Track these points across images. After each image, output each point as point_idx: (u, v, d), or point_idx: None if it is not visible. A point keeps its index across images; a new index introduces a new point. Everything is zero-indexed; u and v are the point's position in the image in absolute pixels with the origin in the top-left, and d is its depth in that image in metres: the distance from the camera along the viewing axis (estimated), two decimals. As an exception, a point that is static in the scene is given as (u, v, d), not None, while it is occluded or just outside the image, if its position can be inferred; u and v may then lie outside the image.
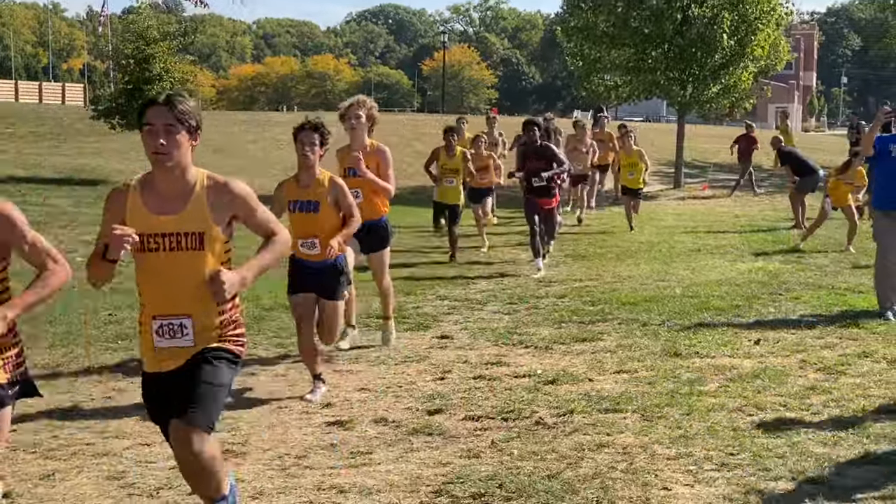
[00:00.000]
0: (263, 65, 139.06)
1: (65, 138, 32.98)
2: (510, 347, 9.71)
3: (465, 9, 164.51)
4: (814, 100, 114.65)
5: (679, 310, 11.33)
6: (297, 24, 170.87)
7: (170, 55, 25.06)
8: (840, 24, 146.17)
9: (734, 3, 26.66)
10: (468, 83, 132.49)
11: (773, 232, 19.38)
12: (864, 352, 9.28)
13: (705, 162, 31.71)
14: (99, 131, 29.79)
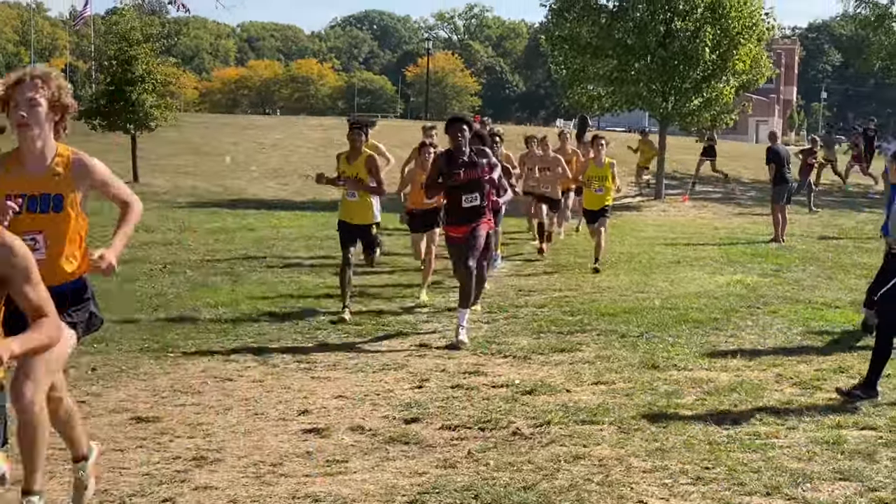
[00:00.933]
0: (247, 68, 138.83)
1: (45, 138, 32.73)
2: (488, 357, 9.71)
3: (450, 16, 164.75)
4: (794, 114, 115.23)
5: (658, 322, 11.35)
6: (282, 27, 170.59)
7: (152, 57, 24.96)
8: (821, 40, 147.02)
9: (716, 18, 26.77)
10: (452, 90, 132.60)
11: (753, 245, 19.44)
12: (840, 367, 9.32)
13: (686, 174, 31.79)
14: (79, 131, 29.39)
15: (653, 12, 26.79)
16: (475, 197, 10.64)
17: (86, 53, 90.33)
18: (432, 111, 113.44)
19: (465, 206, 10.62)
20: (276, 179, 28.25)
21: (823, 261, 17.18)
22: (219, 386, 8.44)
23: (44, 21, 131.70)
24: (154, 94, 24.98)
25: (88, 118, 25.13)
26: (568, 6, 27.87)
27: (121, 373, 8.74)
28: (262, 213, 21.83)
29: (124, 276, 13.68)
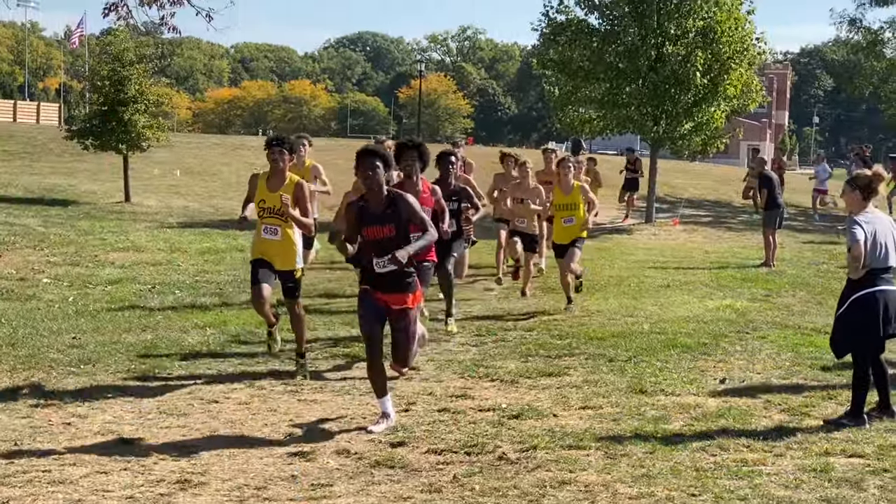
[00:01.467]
0: (240, 88, 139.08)
1: (37, 158, 32.80)
2: (476, 380, 9.69)
3: (443, 38, 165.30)
4: (786, 138, 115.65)
5: (646, 346, 11.33)
6: (275, 49, 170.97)
7: (145, 77, 24.96)
8: (813, 65, 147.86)
9: (707, 43, 26.88)
10: (444, 112, 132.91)
11: (743, 269, 19.45)
12: (828, 394, 9.31)
13: (676, 197, 31.85)
14: (72, 151, 29.63)
15: (644, 36, 26.89)
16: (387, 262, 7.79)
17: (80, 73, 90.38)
18: (424, 133, 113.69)
19: (378, 271, 7.85)
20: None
21: (813, 286, 17.18)
22: (205, 408, 8.41)
23: (38, 41, 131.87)
24: (146, 115, 24.95)
25: (81, 138, 25.10)
26: (559, 30, 27.96)
27: (107, 394, 8.70)
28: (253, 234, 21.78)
29: (112, 296, 13.67)
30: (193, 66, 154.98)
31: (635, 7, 27.00)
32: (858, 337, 8.44)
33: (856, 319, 8.37)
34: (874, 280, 8.32)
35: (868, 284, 8.32)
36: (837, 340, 8.63)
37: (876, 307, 8.31)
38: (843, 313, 8.49)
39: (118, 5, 17.93)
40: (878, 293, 8.28)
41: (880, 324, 8.32)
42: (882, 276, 8.37)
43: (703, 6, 26.83)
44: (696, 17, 26.74)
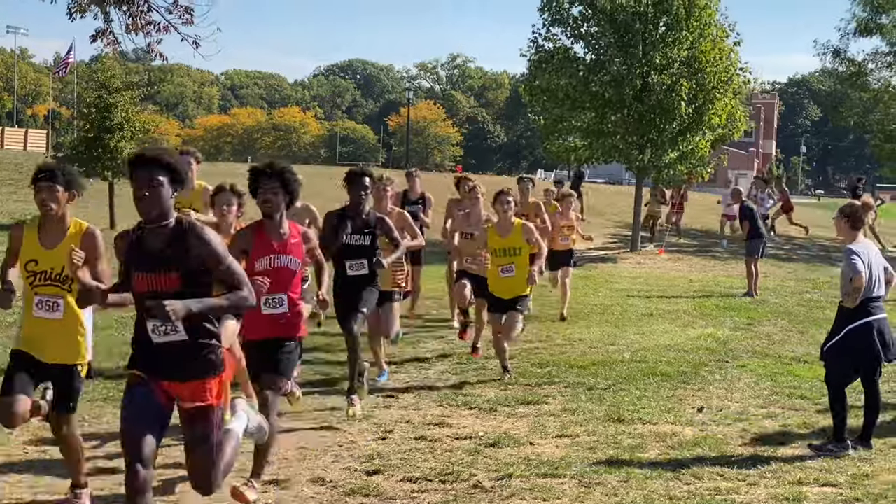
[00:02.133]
0: (229, 116, 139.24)
1: (24, 184, 32.62)
2: (454, 408, 9.70)
3: (433, 66, 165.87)
4: (773, 167, 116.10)
5: (626, 375, 11.37)
6: (265, 76, 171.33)
7: (131, 104, 25.03)
8: (800, 95, 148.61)
9: (693, 72, 27.05)
10: (433, 140, 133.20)
11: (726, 298, 19.50)
12: (805, 422, 9.36)
13: (662, 225, 31.92)
14: (58, 178, 29.62)
15: (630, 66, 27.04)
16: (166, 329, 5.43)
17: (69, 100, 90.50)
18: (414, 160, 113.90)
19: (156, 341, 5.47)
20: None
21: (796, 315, 17.24)
22: (181, 436, 8.38)
23: (28, 67, 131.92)
24: (133, 142, 25.00)
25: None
26: (547, 58, 28.11)
27: (83, 422, 8.67)
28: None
29: (95, 324, 13.63)
30: (183, 92, 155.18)
31: (621, 37, 27.16)
32: (856, 365, 8.53)
33: (853, 350, 8.46)
34: (868, 309, 8.42)
35: (862, 314, 8.42)
36: (836, 373, 8.60)
37: (871, 336, 8.40)
38: (837, 343, 8.52)
39: (105, 32, 18.05)
40: (872, 322, 8.39)
41: (879, 351, 8.40)
42: (874, 304, 8.48)
43: (689, 37, 27.01)
44: (681, 47, 26.91)
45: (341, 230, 9.27)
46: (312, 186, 18.40)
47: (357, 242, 9.29)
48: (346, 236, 9.28)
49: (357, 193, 9.37)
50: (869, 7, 36.80)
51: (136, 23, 17.45)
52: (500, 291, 10.99)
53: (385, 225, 9.51)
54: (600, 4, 27.12)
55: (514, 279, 10.91)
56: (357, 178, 9.20)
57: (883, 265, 8.69)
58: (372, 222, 9.45)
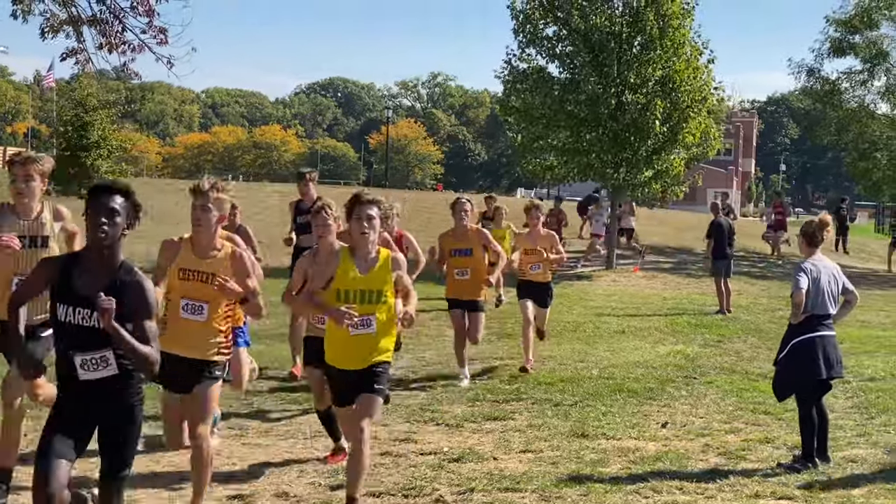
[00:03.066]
0: (210, 134, 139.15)
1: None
2: (421, 424, 9.80)
3: (414, 84, 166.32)
4: (752, 186, 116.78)
5: (593, 391, 11.49)
6: (246, 94, 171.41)
7: (108, 123, 25.12)
8: (779, 113, 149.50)
9: (667, 92, 27.27)
10: (414, 158, 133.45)
11: (698, 315, 19.66)
12: (766, 437, 9.49)
13: (639, 244, 32.05)
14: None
15: (604, 85, 27.27)
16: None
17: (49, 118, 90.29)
18: (394, 178, 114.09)
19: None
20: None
21: (766, 332, 17.39)
22: (146, 452, 8.45)
23: (7, 84, 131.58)
24: (109, 160, 25.08)
25: (42, 183, 25.22)
26: (521, 78, 28.31)
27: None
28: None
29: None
30: (164, 110, 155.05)
31: (595, 56, 27.38)
32: (799, 380, 8.68)
33: (796, 364, 8.62)
34: (814, 326, 8.57)
35: (807, 330, 8.57)
36: (779, 384, 8.89)
37: (815, 351, 8.54)
38: (783, 358, 8.73)
39: (76, 52, 18.10)
40: (816, 338, 8.53)
41: (821, 368, 8.54)
42: (823, 321, 8.62)
43: (663, 56, 27.25)
44: (655, 66, 27.14)
45: None
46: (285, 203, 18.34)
47: None
48: None
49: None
50: (843, 28, 37.17)
51: (110, 42, 17.48)
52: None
53: None
54: (574, 24, 27.36)
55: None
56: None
57: (842, 285, 8.80)
58: None
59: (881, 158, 37.65)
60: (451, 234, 11.99)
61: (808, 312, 8.55)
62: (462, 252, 11.80)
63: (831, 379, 8.79)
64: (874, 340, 16.59)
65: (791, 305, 8.68)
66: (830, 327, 8.68)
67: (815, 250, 8.83)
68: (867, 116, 38.18)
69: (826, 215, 9.14)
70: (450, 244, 11.89)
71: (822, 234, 8.80)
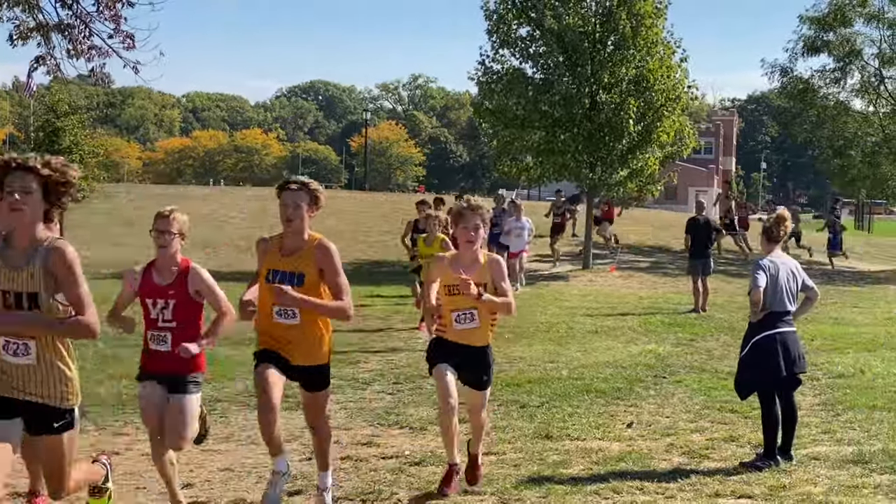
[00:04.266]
0: (191, 138, 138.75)
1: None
2: (385, 428, 9.74)
3: (395, 87, 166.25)
4: (733, 184, 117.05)
5: (561, 392, 11.45)
6: (227, 98, 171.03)
7: (80, 128, 24.97)
8: (760, 112, 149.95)
9: (640, 91, 27.33)
10: (396, 160, 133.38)
11: (673, 314, 19.66)
12: (731, 436, 9.46)
13: (615, 244, 32.09)
14: (8, 202, 29.48)
15: (578, 85, 27.30)
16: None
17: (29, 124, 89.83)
18: (376, 180, 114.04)
19: None
20: (205, 251, 28.18)
21: (739, 330, 17.16)
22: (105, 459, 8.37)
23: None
24: (83, 166, 24.94)
25: (14, 189, 25.09)
26: (495, 79, 28.31)
27: (7, 447, 8.63)
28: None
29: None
30: (144, 115, 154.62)
31: (569, 56, 27.41)
32: (760, 378, 8.66)
33: (756, 362, 8.60)
34: (774, 323, 8.56)
35: (768, 327, 8.56)
36: (740, 382, 8.88)
37: (775, 349, 8.52)
38: (744, 356, 8.72)
39: (45, 58, 18.01)
40: (776, 335, 8.52)
41: (781, 365, 8.52)
42: (782, 318, 8.60)
43: (636, 55, 27.30)
44: (628, 65, 27.20)
45: None
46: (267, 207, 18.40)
47: None
48: None
49: None
50: (816, 25, 37.30)
51: (77, 48, 17.42)
52: None
53: None
54: (548, 25, 27.38)
55: None
56: None
57: (801, 282, 8.79)
58: None
59: (855, 155, 37.80)
60: None
61: (767, 310, 8.53)
62: None
63: (794, 375, 8.75)
64: (846, 337, 16.60)
65: (749, 303, 8.67)
66: (790, 324, 8.67)
67: (775, 246, 8.81)
68: (841, 114, 38.33)
69: (784, 210, 9.09)
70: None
71: (780, 230, 8.77)
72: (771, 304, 8.52)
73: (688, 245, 20.85)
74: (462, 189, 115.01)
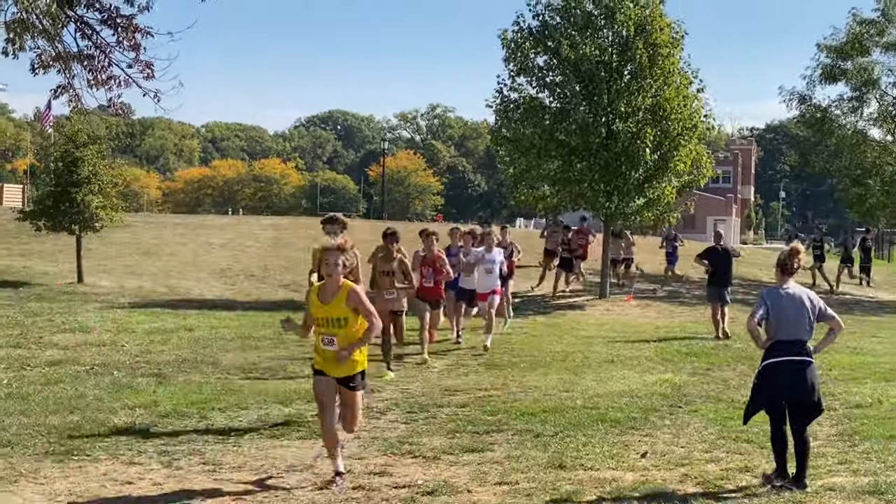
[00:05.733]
0: (210, 168, 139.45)
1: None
2: (398, 457, 9.70)
3: (413, 116, 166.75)
4: (751, 213, 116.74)
5: (575, 421, 11.39)
6: (246, 128, 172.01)
7: (99, 158, 25.09)
8: (778, 141, 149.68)
9: (657, 120, 27.33)
10: (414, 189, 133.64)
11: (690, 344, 19.56)
12: (746, 466, 9.40)
13: (633, 272, 32.00)
14: (29, 233, 29.57)
15: (595, 114, 27.32)
16: None
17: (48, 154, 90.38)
18: (394, 209, 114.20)
19: None
20: (222, 279, 28.25)
21: (756, 359, 17.01)
22: (117, 490, 8.38)
23: (8, 122, 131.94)
24: (100, 195, 25.06)
25: (34, 219, 25.20)
26: (512, 108, 28.38)
27: (20, 476, 8.65)
28: (204, 314, 21.73)
29: (47, 378, 13.63)
30: (164, 145, 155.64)
31: (586, 86, 27.46)
32: (761, 402, 8.90)
33: (761, 386, 8.88)
34: (779, 351, 8.75)
35: (774, 355, 8.79)
36: (750, 404, 9.12)
37: (777, 375, 8.73)
38: (754, 380, 9.03)
39: (66, 88, 18.10)
40: (780, 363, 8.69)
41: (778, 389, 8.75)
42: (790, 347, 8.67)
43: (653, 84, 27.32)
44: (645, 95, 27.22)
45: None
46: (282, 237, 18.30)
47: None
48: None
49: None
50: (834, 54, 37.28)
51: (98, 77, 17.50)
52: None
53: None
54: (565, 54, 27.41)
55: None
56: None
57: (817, 311, 8.85)
58: None
59: (874, 184, 37.67)
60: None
61: (773, 338, 8.75)
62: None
63: (798, 400, 8.77)
64: (865, 367, 16.49)
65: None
66: (800, 353, 8.71)
67: (788, 278, 8.92)
68: (860, 143, 38.23)
69: (798, 244, 9.23)
70: None
71: (794, 262, 8.90)
72: (776, 332, 8.72)
73: (707, 270, 20.98)
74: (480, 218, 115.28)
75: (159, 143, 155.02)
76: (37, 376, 13.82)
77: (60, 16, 17.24)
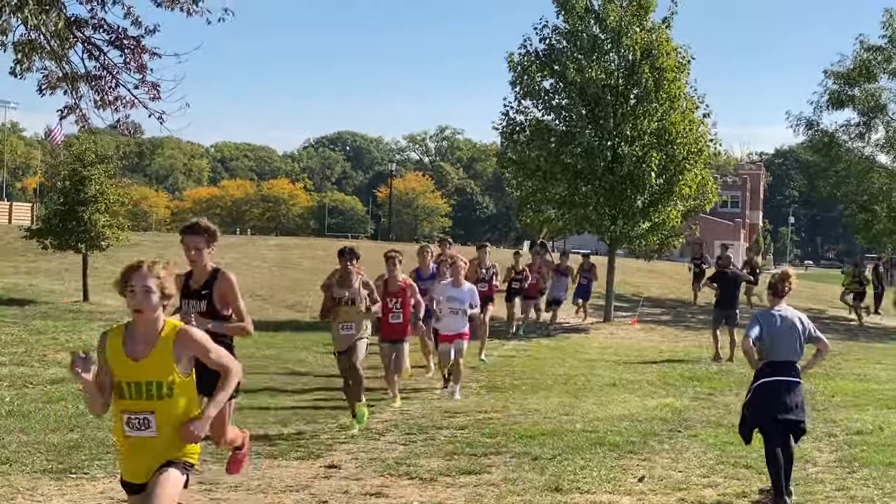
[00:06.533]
0: (219, 188, 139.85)
1: (3, 257, 32.84)
2: (395, 478, 9.71)
3: (422, 138, 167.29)
4: (760, 238, 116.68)
5: (574, 445, 11.39)
6: (255, 148, 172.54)
7: (106, 177, 25.20)
8: (787, 166, 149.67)
9: (662, 144, 27.40)
10: (422, 211, 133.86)
11: (693, 368, 19.54)
12: (743, 492, 9.39)
13: (637, 296, 32.06)
14: (36, 251, 29.72)
15: (600, 137, 27.40)
16: None
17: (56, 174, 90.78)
18: (402, 231, 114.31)
19: None
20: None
21: (759, 384, 17.25)
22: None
23: (18, 140, 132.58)
24: (107, 214, 25.16)
25: (40, 238, 25.29)
26: (518, 130, 28.48)
27: (17, 494, 8.68)
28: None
29: (49, 396, 13.67)
30: (173, 165, 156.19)
31: (591, 109, 27.55)
32: (755, 422, 9.15)
33: (753, 406, 9.12)
34: (770, 372, 9.02)
35: (765, 375, 9.04)
36: (741, 426, 9.38)
37: (769, 395, 8.96)
38: (746, 401, 9.26)
39: (73, 108, 18.22)
40: (772, 383, 8.96)
41: (773, 409, 8.92)
42: (781, 368, 8.90)
43: (658, 108, 27.40)
44: (651, 119, 27.30)
45: None
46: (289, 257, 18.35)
47: None
48: None
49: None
50: (841, 80, 37.34)
51: (104, 98, 17.63)
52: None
53: None
54: (571, 77, 27.52)
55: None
56: None
57: (807, 334, 9.04)
58: None
59: (881, 211, 37.66)
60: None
61: (766, 359, 8.98)
62: None
63: (788, 421, 8.87)
64: (868, 394, 16.45)
65: None
66: (791, 374, 8.97)
67: (780, 301, 9.13)
68: (867, 169, 38.25)
69: (789, 269, 9.51)
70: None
71: (785, 286, 9.15)
72: (769, 353, 8.96)
73: (716, 297, 21.10)
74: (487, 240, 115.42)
75: (169, 162, 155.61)
76: (38, 394, 13.88)
77: (68, 37, 17.38)
